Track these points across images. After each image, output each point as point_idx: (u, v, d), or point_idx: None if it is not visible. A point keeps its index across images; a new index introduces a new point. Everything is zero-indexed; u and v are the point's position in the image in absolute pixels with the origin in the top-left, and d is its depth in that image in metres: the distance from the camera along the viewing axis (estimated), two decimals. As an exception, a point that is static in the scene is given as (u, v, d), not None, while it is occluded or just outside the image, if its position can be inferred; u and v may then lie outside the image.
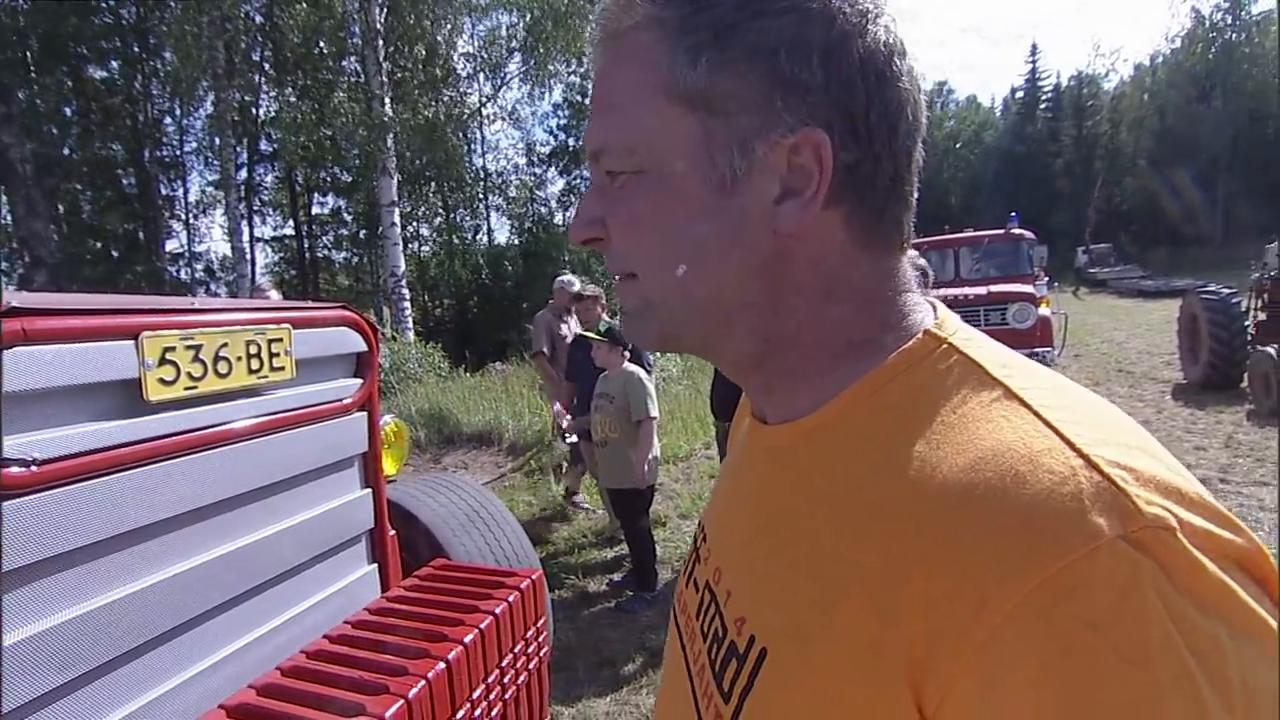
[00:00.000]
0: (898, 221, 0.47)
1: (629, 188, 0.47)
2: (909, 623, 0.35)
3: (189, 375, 1.28)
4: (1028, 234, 8.34)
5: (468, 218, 23.54)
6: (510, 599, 1.59)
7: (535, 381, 8.29)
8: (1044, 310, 7.00)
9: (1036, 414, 0.38)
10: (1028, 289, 7.08)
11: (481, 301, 19.00)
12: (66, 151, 16.28)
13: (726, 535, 0.54)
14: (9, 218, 16.04)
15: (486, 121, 21.57)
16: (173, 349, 1.24)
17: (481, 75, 15.49)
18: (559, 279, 5.26)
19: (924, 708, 0.34)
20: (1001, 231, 8.41)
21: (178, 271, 19.71)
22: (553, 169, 25.00)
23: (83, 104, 16.27)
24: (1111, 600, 0.31)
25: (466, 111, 15.70)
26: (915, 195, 0.48)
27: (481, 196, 23.27)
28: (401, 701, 1.07)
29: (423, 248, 22.45)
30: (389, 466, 2.07)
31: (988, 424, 0.39)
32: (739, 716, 0.43)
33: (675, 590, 0.62)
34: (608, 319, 4.35)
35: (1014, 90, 47.29)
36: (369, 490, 1.84)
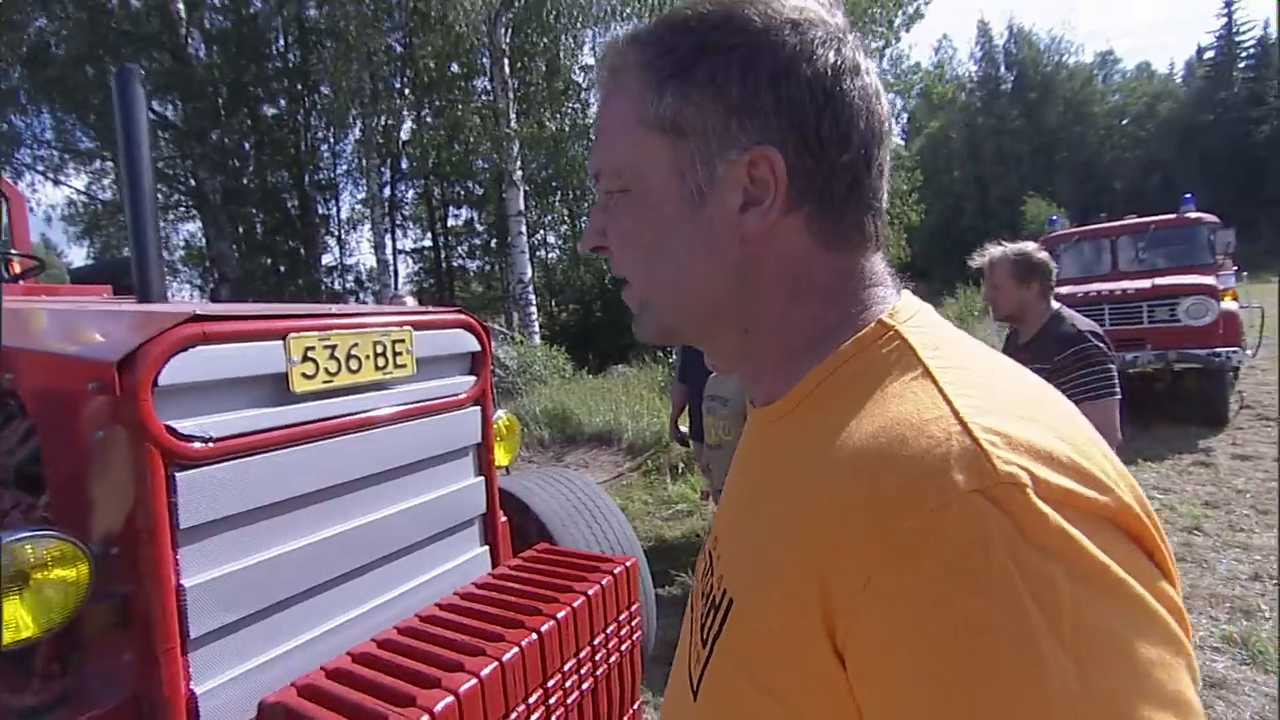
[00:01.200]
0: (859, 223, 0.52)
1: (620, 204, 0.55)
2: (818, 571, 0.40)
3: (326, 371, 1.47)
4: (1207, 217, 7.01)
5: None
6: (604, 582, 1.69)
7: (655, 383, 8.44)
8: (1228, 304, 6.09)
9: (940, 389, 0.43)
10: (1206, 280, 6.18)
11: (605, 306, 19.53)
12: (245, 181, 18.43)
13: (725, 506, 0.61)
14: (203, 241, 18.47)
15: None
16: (313, 348, 1.44)
17: (602, 85, 15.91)
18: None
19: (836, 643, 0.40)
20: (1171, 216, 7.12)
21: (332, 283, 21.70)
22: None
23: (257, 138, 18.38)
24: (960, 544, 0.36)
25: (589, 122, 16.25)
26: (882, 198, 0.54)
27: None
28: (496, 664, 1.20)
29: (549, 255, 23.39)
30: (501, 457, 2.21)
31: (897, 399, 0.44)
32: (710, 659, 0.50)
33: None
34: None
35: (1201, 51, 41.12)
36: (482, 478, 1.99)
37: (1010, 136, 40.49)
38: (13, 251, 3.56)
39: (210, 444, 1.24)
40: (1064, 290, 5.98)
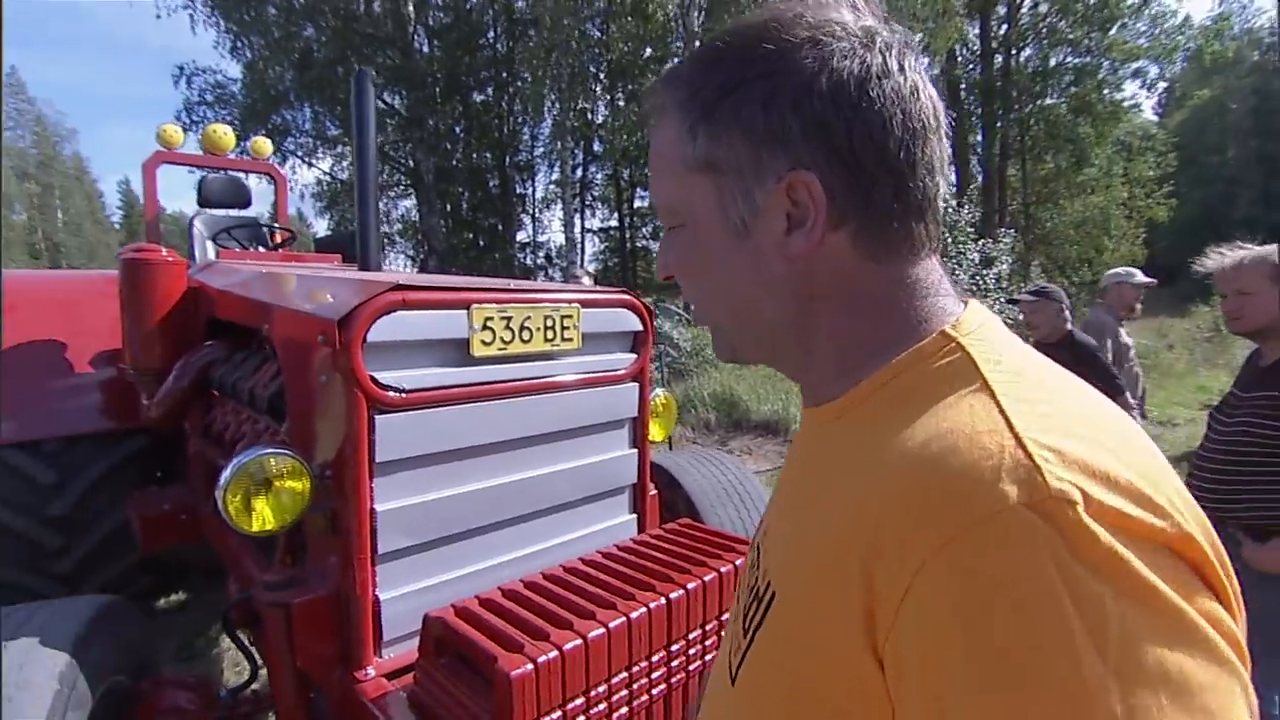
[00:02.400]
0: (907, 230, 0.52)
1: (679, 238, 0.58)
2: (862, 574, 0.41)
3: (501, 339, 1.65)
4: None
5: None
6: (738, 562, 1.74)
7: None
8: None
9: (998, 403, 0.43)
10: None
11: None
12: (454, 162, 20.33)
13: (775, 501, 0.63)
14: (417, 216, 20.70)
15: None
16: (491, 318, 1.62)
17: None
18: (1115, 271, 4.20)
19: (876, 645, 0.41)
20: None
21: (525, 258, 23.34)
22: None
23: (466, 123, 20.16)
24: (1007, 556, 0.36)
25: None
26: (934, 195, 0.52)
27: None
28: (624, 619, 1.30)
29: (732, 238, 23.28)
30: (656, 433, 2.29)
31: (952, 409, 0.44)
32: (750, 649, 0.52)
33: None
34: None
35: None
36: (635, 451, 2.09)
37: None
38: (275, 224, 4.31)
39: (404, 394, 1.46)
40: None
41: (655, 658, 1.38)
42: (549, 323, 1.77)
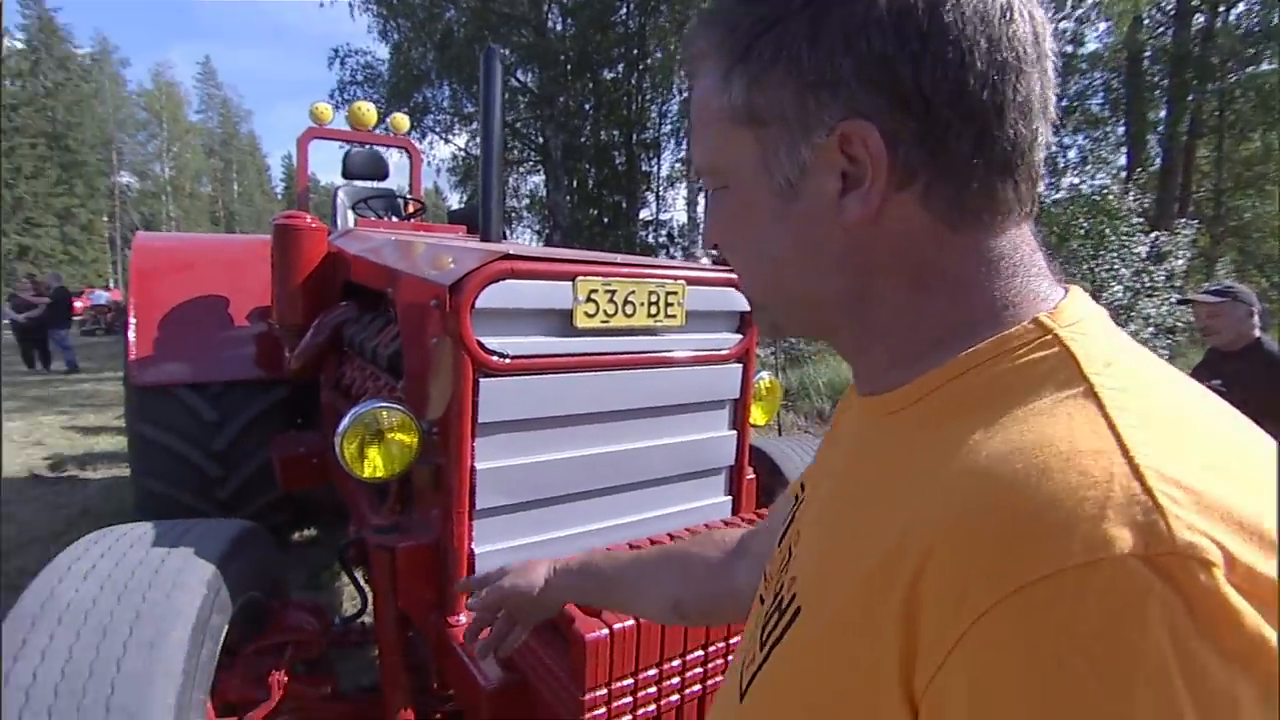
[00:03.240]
0: (991, 189, 0.42)
1: (721, 201, 0.50)
2: (908, 604, 0.34)
3: (604, 311, 1.67)
4: None
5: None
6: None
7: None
8: None
9: (1105, 414, 0.34)
10: None
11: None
12: (582, 139, 20.73)
13: (815, 498, 0.54)
14: (544, 192, 21.35)
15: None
16: (595, 291, 1.64)
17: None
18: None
19: (913, 687, 0.34)
20: None
21: (647, 236, 23.54)
22: (1066, 129, 19.42)
23: (595, 100, 20.47)
24: (1103, 619, 0.28)
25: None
26: (1030, 146, 0.42)
27: None
28: (708, 596, 1.31)
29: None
30: (758, 417, 2.26)
31: (1046, 417, 0.35)
32: (765, 665, 0.45)
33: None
34: None
35: None
36: (734, 432, 2.07)
37: None
38: (408, 195, 4.60)
39: (507, 360, 1.52)
40: None
41: (734, 640, 1.37)
42: (653, 298, 1.77)
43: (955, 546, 0.33)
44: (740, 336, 2.03)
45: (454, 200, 25.02)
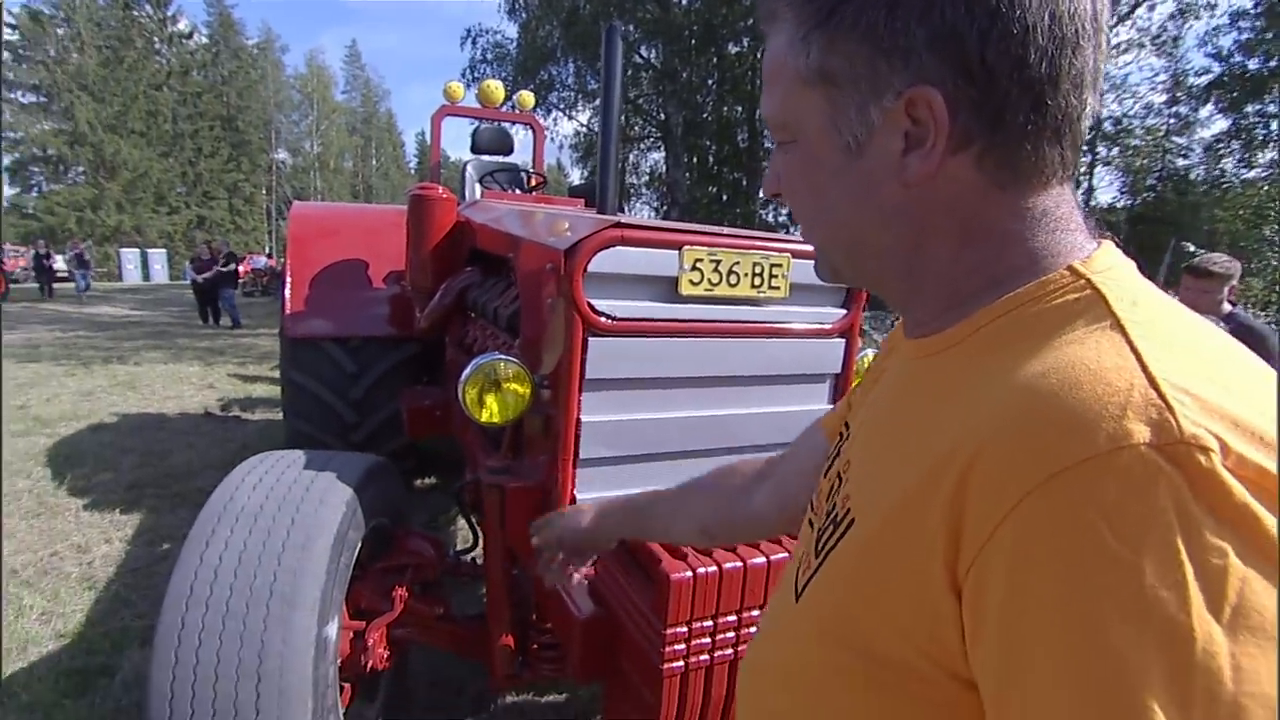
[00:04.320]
0: (1040, 153, 0.46)
1: (789, 154, 0.54)
2: (956, 496, 0.40)
3: (709, 280, 1.73)
4: None
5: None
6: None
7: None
8: None
9: (1128, 340, 0.39)
10: None
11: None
12: (704, 115, 20.57)
13: (862, 431, 0.59)
14: (663, 168, 21.41)
15: (1113, 54, 18.18)
16: (700, 260, 1.70)
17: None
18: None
19: (957, 572, 0.40)
20: None
21: (766, 214, 23.12)
22: (1210, 106, 18.01)
23: (719, 75, 20.20)
24: (1122, 494, 0.34)
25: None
26: (1078, 115, 0.46)
27: (1083, 149, 19.70)
28: (786, 555, 1.35)
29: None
30: None
31: (1077, 345, 0.41)
32: (820, 568, 0.52)
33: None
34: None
35: None
36: (833, 407, 2.09)
37: None
38: (530, 169, 4.82)
39: (614, 321, 1.62)
40: None
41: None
42: (757, 269, 1.80)
43: (1000, 444, 0.39)
44: (845, 311, 2.02)
45: (575, 176, 25.61)
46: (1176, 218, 14.67)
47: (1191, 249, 4.05)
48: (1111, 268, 0.46)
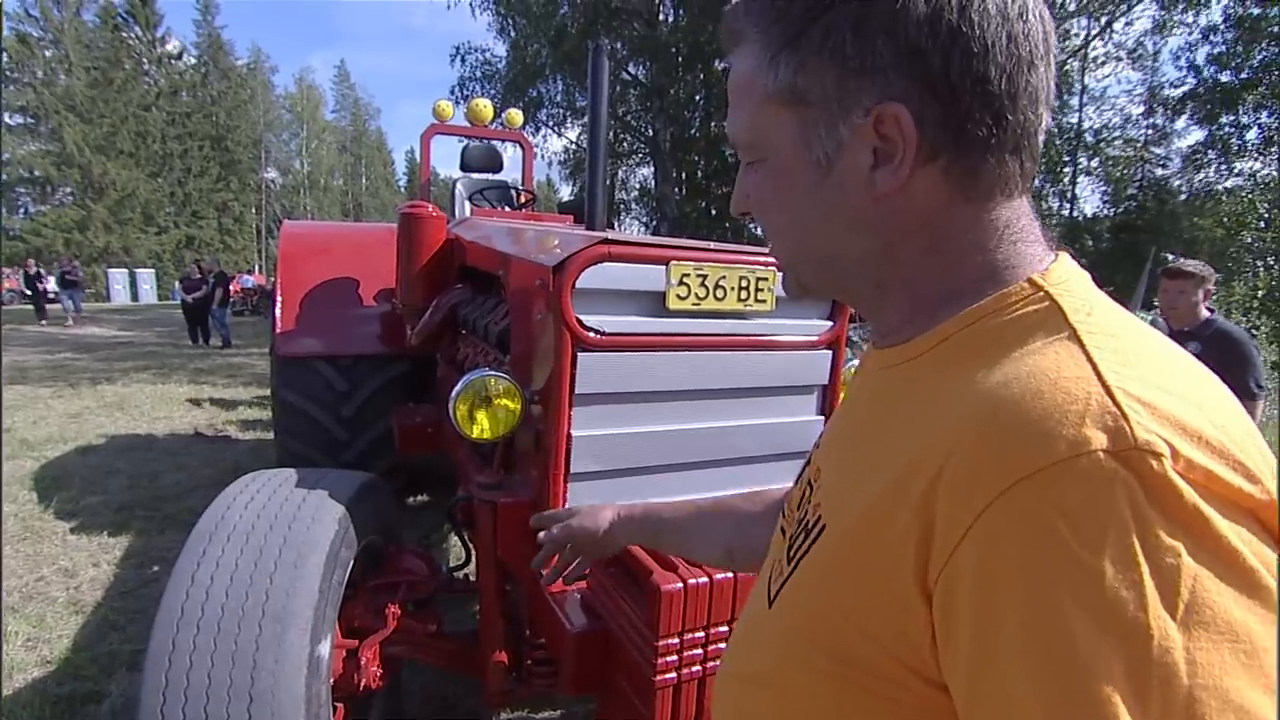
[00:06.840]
0: (1002, 166, 0.48)
1: (758, 172, 0.56)
2: (925, 502, 0.41)
3: (696, 295, 1.75)
4: None
5: (1048, 184, 20.88)
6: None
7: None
8: None
9: (1085, 351, 0.42)
10: None
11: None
12: (693, 131, 20.70)
13: (833, 440, 0.61)
14: (653, 184, 21.55)
15: (1092, 67, 18.69)
16: (687, 275, 1.72)
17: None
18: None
19: (927, 577, 0.41)
20: None
21: (755, 228, 23.16)
22: (1184, 118, 18.67)
23: (706, 91, 20.37)
24: (1082, 499, 0.36)
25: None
26: (1035, 129, 0.49)
27: (1065, 159, 19.89)
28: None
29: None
30: None
31: (1037, 355, 0.43)
32: (792, 574, 0.53)
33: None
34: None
35: None
36: (821, 417, 2.09)
37: None
38: (520, 186, 4.85)
39: (603, 336, 1.64)
40: None
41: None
42: (743, 283, 1.82)
43: (966, 452, 0.40)
44: (831, 324, 2.04)
45: (565, 192, 25.69)
46: (1157, 225, 14.85)
47: (1170, 258, 4.11)
48: (1068, 279, 0.49)
